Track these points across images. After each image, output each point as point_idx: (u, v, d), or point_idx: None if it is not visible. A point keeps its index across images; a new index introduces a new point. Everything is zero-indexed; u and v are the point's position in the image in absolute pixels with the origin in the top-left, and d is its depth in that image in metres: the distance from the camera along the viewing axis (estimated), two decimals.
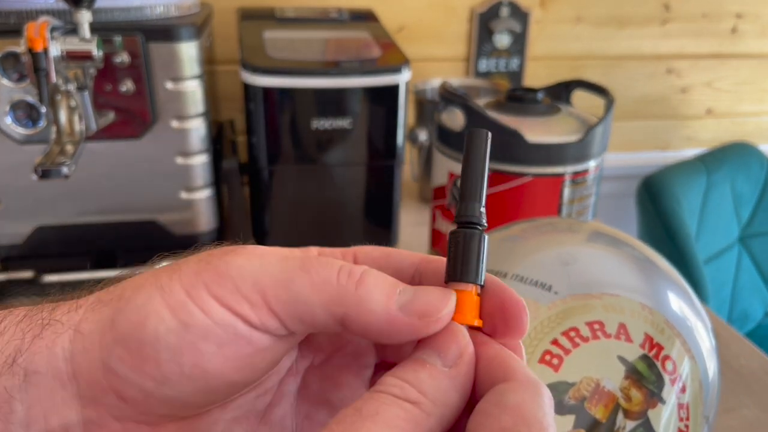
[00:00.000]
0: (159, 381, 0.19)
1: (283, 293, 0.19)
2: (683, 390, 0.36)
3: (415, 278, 0.21)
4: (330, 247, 0.22)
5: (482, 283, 0.20)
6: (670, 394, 0.35)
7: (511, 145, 0.66)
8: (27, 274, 0.75)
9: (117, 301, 0.20)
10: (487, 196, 0.20)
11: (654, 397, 0.35)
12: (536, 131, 0.66)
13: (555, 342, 0.35)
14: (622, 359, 0.35)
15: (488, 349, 0.19)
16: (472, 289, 0.19)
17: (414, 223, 0.91)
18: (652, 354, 0.36)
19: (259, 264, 0.19)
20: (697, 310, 0.41)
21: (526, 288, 0.37)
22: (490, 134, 0.20)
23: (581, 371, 0.34)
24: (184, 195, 0.75)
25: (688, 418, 0.36)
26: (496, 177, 0.67)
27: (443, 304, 0.19)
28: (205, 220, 0.77)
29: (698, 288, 1.21)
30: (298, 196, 0.79)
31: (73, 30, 0.60)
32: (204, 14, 0.79)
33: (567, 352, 0.34)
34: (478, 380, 0.18)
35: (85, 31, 0.59)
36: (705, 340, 0.39)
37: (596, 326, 0.36)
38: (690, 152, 1.35)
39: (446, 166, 0.72)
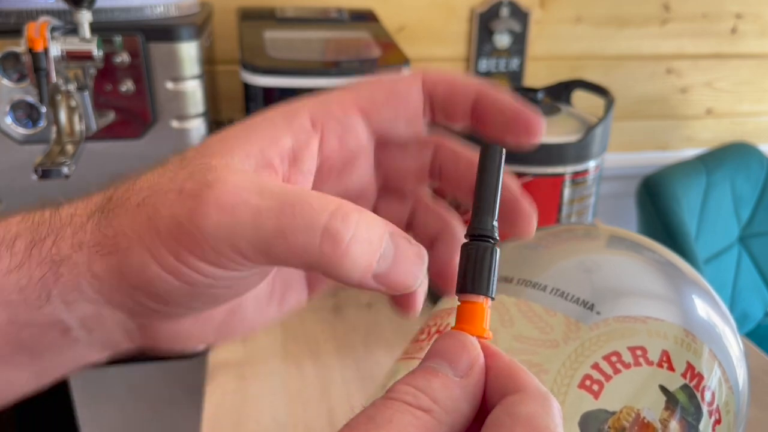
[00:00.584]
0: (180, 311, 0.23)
1: (262, 257, 0.19)
2: (719, 422, 0.35)
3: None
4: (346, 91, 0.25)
5: (493, 296, 0.20)
6: (707, 427, 0.34)
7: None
8: None
9: (116, 254, 0.21)
10: None
11: (692, 429, 0.33)
12: None
13: (596, 366, 0.33)
14: (663, 389, 0.33)
15: (498, 360, 0.19)
16: (483, 302, 0.20)
17: None
18: (693, 384, 0.34)
19: (231, 224, 0.19)
20: (723, 313, 0.39)
21: (565, 305, 0.35)
22: (504, 150, 0.21)
23: (622, 399, 0.32)
24: None
25: None
26: None
27: (413, 281, 0.20)
28: None
29: None
30: None
31: (73, 30, 0.60)
32: (204, 14, 0.79)
33: (608, 378, 0.33)
34: (489, 391, 0.19)
35: (86, 31, 0.59)
36: (734, 347, 0.38)
37: (639, 352, 0.34)
38: (690, 152, 1.35)
39: None
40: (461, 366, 0.18)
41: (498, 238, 0.20)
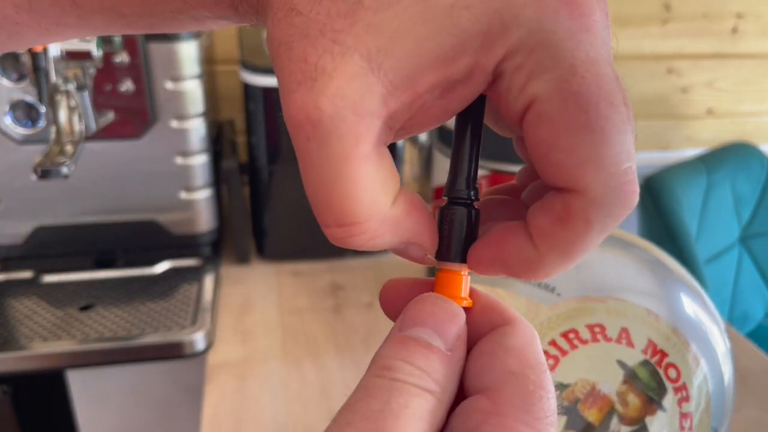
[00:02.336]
0: None
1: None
2: (687, 399, 0.35)
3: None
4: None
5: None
6: (672, 403, 0.35)
7: (510, 145, 0.65)
8: (26, 274, 0.75)
9: None
10: None
11: (653, 404, 0.34)
12: None
13: (552, 343, 0.34)
14: (621, 363, 0.35)
15: (482, 297, 0.19)
16: (461, 269, 0.19)
17: None
18: (654, 360, 0.35)
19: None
20: (711, 312, 0.40)
21: (529, 288, 0.37)
22: (483, 98, 0.18)
23: (577, 373, 0.34)
24: (183, 195, 0.75)
25: (691, 428, 0.35)
26: (496, 177, 0.67)
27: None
28: (205, 220, 0.77)
29: None
30: (298, 196, 0.78)
31: None
32: None
33: (564, 353, 0.34)
34: (475, 324, 0.18)
35: None
36: (720, 344, 0.38)
37: (597, 329, 0.35)
38: (690, 152, 1.35)
39: (446, 166, 0.72)
40: (450, 337, 0.17)
41: (476, 198, 0.19)
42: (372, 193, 0.16)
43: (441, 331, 0.17)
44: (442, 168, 0.73)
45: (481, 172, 0.68)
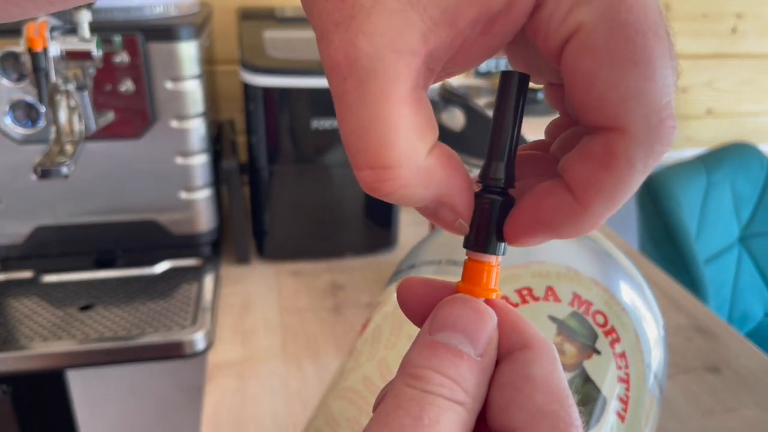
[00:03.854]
0: None
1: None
2: (618, 340, 0.38)
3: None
4: None
5: (503, 254, 0.19)
6: (605, 345, 0.37)
7: None
8: (27, 274, 0.75)
9: None
10: None
11: (588, 349, 0.36)
12: (536, 131, 0.66)
13: None
14: (552, 318, 0.37)
15: (503, 314, 0.18)
16: (492, 260, 0.18)
17: (414, 223, 0.90)
18: (581, 310, 0.37)
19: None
20: (648, 303, 0.42)
21: (454, 268, 0.38)
22: (524, 78, 0.17)
23: None
24: (183, 195, 0.75)
25: (627, 366, 0.37)
26: None
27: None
28: (205, 219, 0.77)
29: (698, 288, 1.21)
30: (298, 196, 0.78)
31: (72, 30, 0.60)
32: (204, 14, 0.79)
33: None
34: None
35: (85, 30, 0.59)
36: (653, 330, 0.41)
37: (525, 292, 0.37)
38: (690, 152, 1.35)
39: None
40: (481, 343, 0.17)
41: (512, 185, 0.18)
42: (407, 137, 0.16)
43: (472, 337, 0.17)
44: None
45: None
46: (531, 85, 0.19)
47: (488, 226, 0.18)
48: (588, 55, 0.15)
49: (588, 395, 0.35)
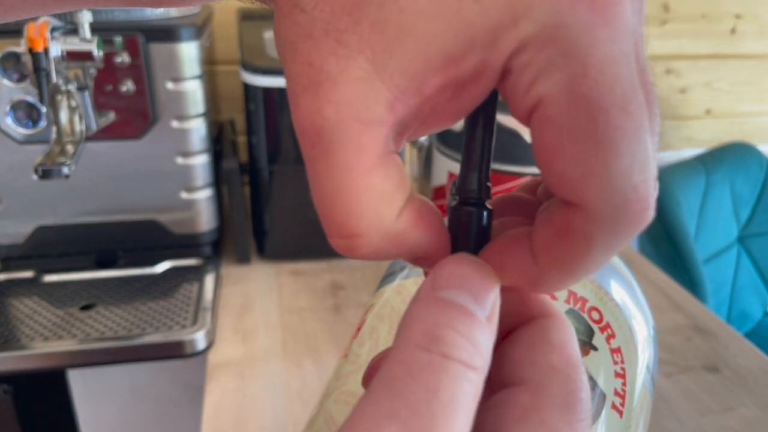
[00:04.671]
0: None
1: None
2: (613, 336, 0.38)
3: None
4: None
5: None
6: (601, 341, 0.37)
7: (510, 146, 0.66)
8: (27, 274, 0.75)
9: None
10: None
11: (585, 345, 0.36)
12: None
13: None
14: None
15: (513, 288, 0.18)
16: None
17: None
18: (577, 307, 0.37)
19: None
20: (640, 304, 0.43)
21: None
22: (497, 92, 0.17)
23: None
24: (184, 195, 0.75)
25: (623, 361, 0.38)
26: (496, 177, 0.67)
27: None
28: (205, 220, 0.77)
29: (697, 288, 1.21)
30: (298, 196, 0.79)
31: (73, 30, 0.60)
32: (204, 14, 0.79)
33: None
34: (510, 310, 0.17)
35: (86, 31, 0.60)
36: (642, 329, 0.41)
37: None
38: (689, 152, 1.35)
39: (446, 166, 0.72)
40: (488, 304, 0.16)
41: (488, 196, 0.18)
42: (375, 207, 0.15)
43: (478, 297, 0.16)
44: (441, 168, 0.73)
45: None
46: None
47: (466, 240, 0.18)
48: (549, 129, 0.14)
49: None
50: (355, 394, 0.39)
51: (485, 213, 0.18)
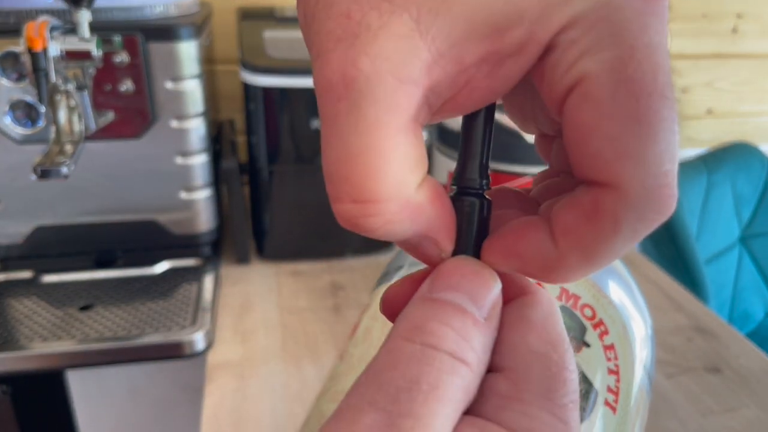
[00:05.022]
0: None
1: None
2: (606, 333, 0.38)
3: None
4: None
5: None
6: (594, 338, 0.37)
7: (510, 146, 0.65)
8: (26, 274, 0.75)
9: None
10: None
11: (578, 342, 0.36)
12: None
13: None
14: None
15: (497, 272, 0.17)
16: None
17: None
18: (569, 304, 0.37)
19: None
20: (638, 305, 0.43)
21: None
22: None
23: None
24: (183, 195, 0.75)
25: (617, 358, 0.37)
26: (496, 177, 0.67)
27: None
28: (205, 220, 0.77)
29: (699, 288, 1.20)
30: (298, 196, 0.78)
31: (72, 29, 0.60)
32: (203, 14, 0.79)
33: None
34: None
35: (85, 30, 0.59)
36: (641, 329, 0.41)
37: None
38: (690, 152, 1.35)
39: (446, 166, 0.72)
40: (486, 305, 0.16)
41: (487, 186, 0.17)
42: (399, 171, 0.15)
43: (476, 298, 0.16)
44: (441, 168, 0.73)
45: None
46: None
47: (467, 229, 0.17)
48: (590, 107, 0.14)
49: (580, 388, 0.36)
50: None
51: (486, 204, 0.17)
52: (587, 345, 0.37)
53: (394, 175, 0.15)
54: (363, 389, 0.14)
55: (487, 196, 0.18)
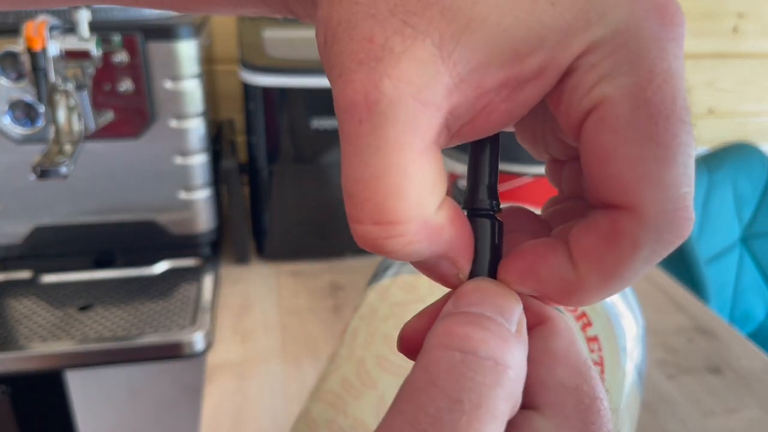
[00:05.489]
0: None
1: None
2: (589, 324, 0.38)
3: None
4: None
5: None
6: (576, 329, 0.37)
7: (511, 145, 0.65)
8: (25, 275, 0.75)
9: None
10: None
11: None
12: None
13: None
14: None
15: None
16: None
17: None
18: None
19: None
20: (629, 303, 0.43)
21: None
22: None
23: None
24: (182, 195, 0.74)
25: (600, 349, 0.37)
26: (499, 177, 0.67)
27: None
28: (204, 219, 0.77)
29: (699, 288, 1.20)
30: (297, 196, 0.78)
31: (71, 29, 0.60)
32: None
33: None
34: None
35: (84, 29, 0.59)
36: (631, 328, 0.41)
37: None
38: None
39: (446, 166, 0.71)
40: (514, 320, 0.16)
41: (498, 208, 0.18)
42: (420, 192, 0.15)
43: (504, 312, 0.16)
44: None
45: None
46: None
47: (481, 251, 0.17)
48: (608, 130, 0.14)
49: None
50: (333, 392, 0.39)
51: (498, 225, 0.18)
52: None
53: (415, 197, 0.15)
54: (404, 410, 0.14)
55: (498, 218, 0.18)
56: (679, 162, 0.14)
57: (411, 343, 0.17)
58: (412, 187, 0.15)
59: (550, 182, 0.20)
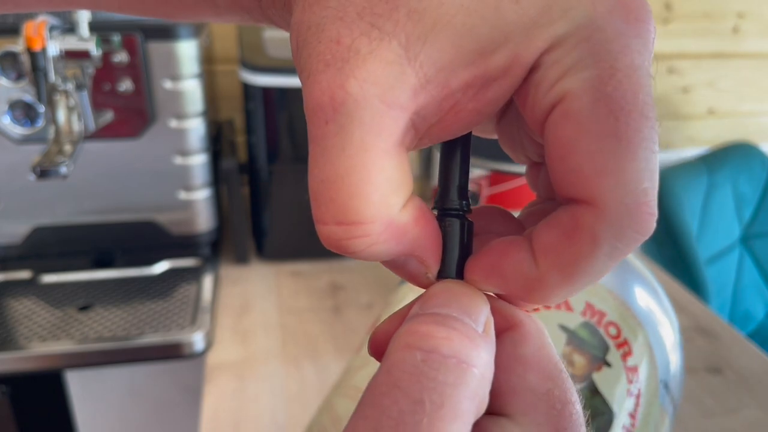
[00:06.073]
0: None
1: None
2: (630, 353, 0.37)
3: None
4: None
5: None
6: (616, 358, 0.36)
7: None
8: (25, 275, 0.75)
9: None
10: (487, 197, 0.19)
11: (598, 360, 0.36)
12: None
13: None
14: (562, 327, 0.36)
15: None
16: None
17: None
18: (593, 320, 0.36)
19: None
20: (666, 310, 0.42)
21: None
22: None
23: None
24: (182, 195, 0.74)
25: (638, 381, 0.37)
26: (496, 177, 0.67)
27: None
28: (204, 219, 0.77)
29: (699, 288, 1.20)
30: (297, 196, 0.78)
31: (71, 29, 0.60)
32: None
33: None
34: None
35: (84, 29, 0.59)
36: (669, 335, 0.40)
37: None
38: (691, 152, 1.34)
39: None
40: (480, 320, 0.15)
41: (468, 208, 0.18)
42: (383, 193, 0.15)
43: (470, 313, 0.15)
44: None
45: (481, 172, 0.67)
46: None
47: (450, 250, 0.17)
48: (569, 124, 0.14)
49: (596, 408, 0.34)
50: (359, 388, 0.39)
51: (468, 224, 0.18)
52: (608, 365, 0.35)
53: (378, 197, 0.15)
54: (367, 415, 0.14)
55: (468, 218, 0.18)
56: (640, 157, 0.14)
57: (381, 345, 0.17)
58: (375, 188, 0.15)
59: (529, 185, 0.21)
